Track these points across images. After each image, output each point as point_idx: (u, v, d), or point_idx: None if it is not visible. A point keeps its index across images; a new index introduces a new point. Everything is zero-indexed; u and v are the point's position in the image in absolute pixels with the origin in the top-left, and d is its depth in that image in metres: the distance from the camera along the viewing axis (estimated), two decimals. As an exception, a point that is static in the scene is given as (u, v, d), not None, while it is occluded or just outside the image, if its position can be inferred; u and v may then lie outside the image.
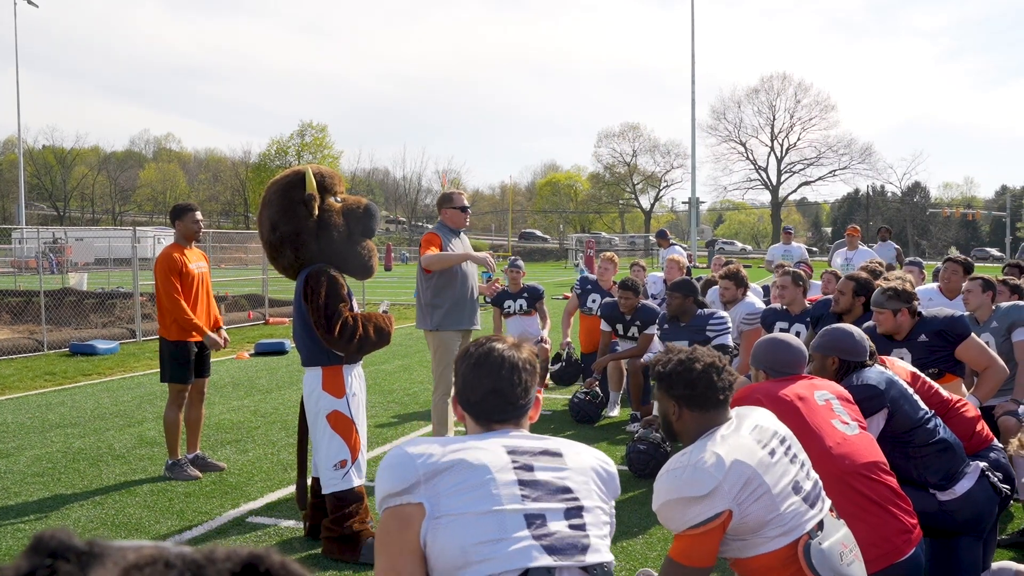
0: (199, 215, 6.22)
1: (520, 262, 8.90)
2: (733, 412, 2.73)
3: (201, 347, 6.17)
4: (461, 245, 6.04)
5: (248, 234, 30.40)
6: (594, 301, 8.41)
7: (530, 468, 1.94)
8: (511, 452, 1.95)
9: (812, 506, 2.59)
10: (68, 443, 6.90)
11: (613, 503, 2.12)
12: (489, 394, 2.05)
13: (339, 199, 4.56)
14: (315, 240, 4.38)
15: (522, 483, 1.90)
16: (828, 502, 2.70)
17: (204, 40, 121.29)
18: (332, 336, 4.28)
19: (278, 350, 12.45)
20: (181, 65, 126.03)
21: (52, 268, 29.92)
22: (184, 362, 6.00)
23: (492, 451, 1.93)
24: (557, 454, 2.01)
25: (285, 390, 9.32)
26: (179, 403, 6.06)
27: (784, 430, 2.73)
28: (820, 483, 2.71)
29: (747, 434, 2.60)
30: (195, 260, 6.17)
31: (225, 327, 6.57)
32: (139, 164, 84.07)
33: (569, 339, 9.28)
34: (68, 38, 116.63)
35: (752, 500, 2.47)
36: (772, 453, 2.57)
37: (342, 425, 4.37)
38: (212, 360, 6.39)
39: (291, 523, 4.99)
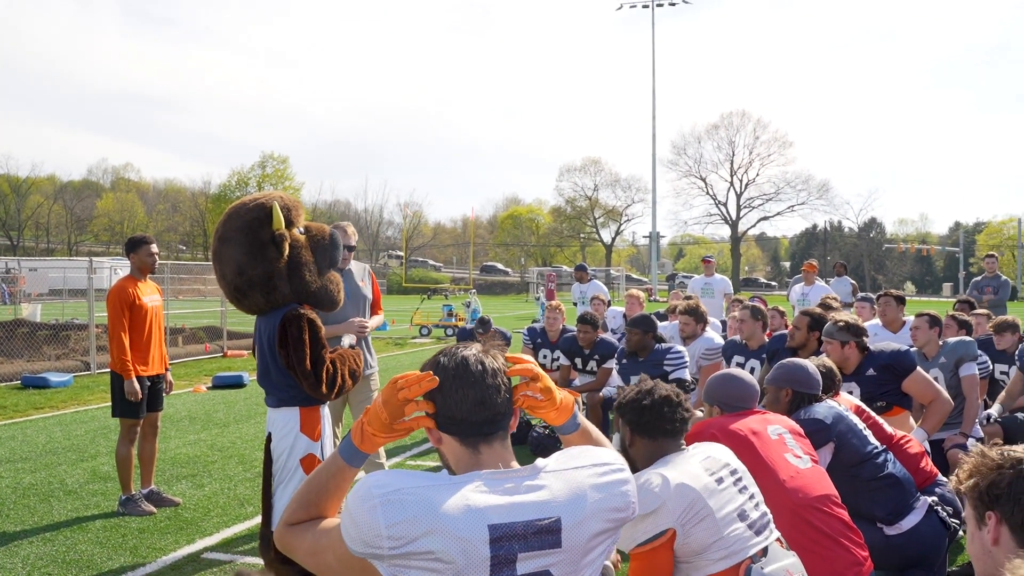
0: (154, 248, 6.16)
1: (490, 324, 8.86)
2: (690, 446, 2.85)
3: (154, 381, 6.10)
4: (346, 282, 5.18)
5: (207, 266, 30.13)
6: (545, 357, 8.29)
7: (512, 562, 1.70)
8: (495, 540, 1.68)
9: (758, 534, 2.69)
10: (18, 478, 6.76)
11: (629, 511, 1.87)
12: (477, 406, 1.80)
13: (302, 230, 4.33)
14: (286, 282, 4.07)
15: None
16: (776, 533, 2.77)
17: (164, 69, 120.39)
18: (319, 388, 4.04)
19: (236, 383, 12.32)
20: (141, 94, 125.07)
21: (4, 299, 29.40)
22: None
23: (469, 542, 1.66)
24: (554, 531, 1.74)
25: (243, 424, 9.22)
26: (131, 438, 5.97)
27: (738, 464, 2.83)
28: (770, 515, 2.79)
29: (696, 462, 2.73)
30: (148, 293, 6.12)
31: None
32: (96, 194, 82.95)
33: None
34: (24, 64, 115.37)
35: (695, 522, 2.57)
36: (720, 481, 2.69)
37: (312, 469, 4.24)
38: (172, 393, 6.31)
39: (249, 558, 4.93)
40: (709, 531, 2.58)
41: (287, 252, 4.04)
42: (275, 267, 4.02)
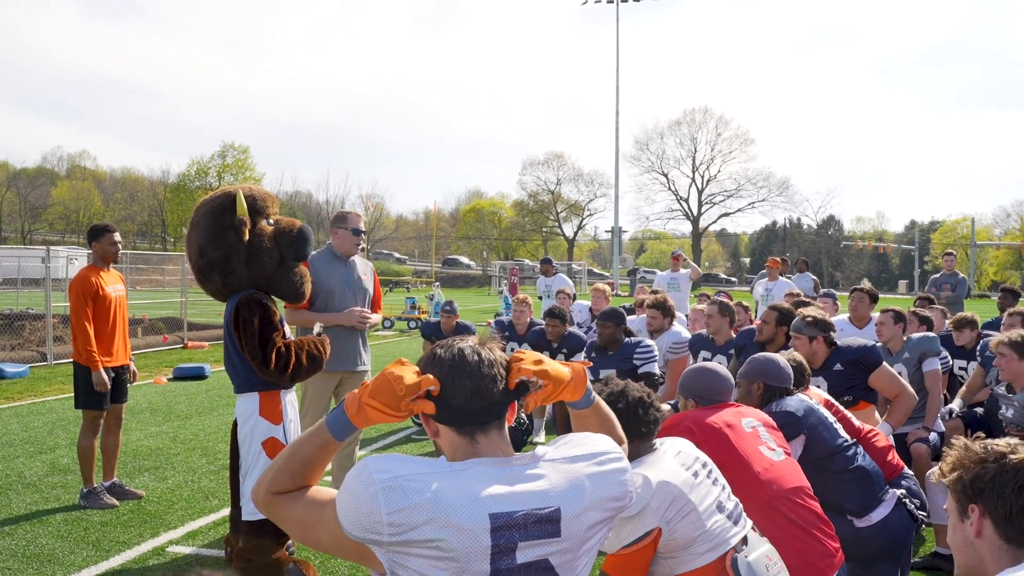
0: (117, 236, 6.07)
1: (455, 306, 8.86)
2: (656, 442, 2.85)
3: (118, 372, 6.01)
4: (344, 275, 5.29)
5: (165, 255, 29.69)
6: (512, 350, 8.28)
7: (512, 551, 1.70)
8: (496, 529, 1.68)
9: (736, 523, 2.73)
10: (-25, 471, 6.62)
11: (627, 499, 1.87)
12: (473, 396, 1.80)
13: (271, 221, 4.43)
14: (244, 266, 4.26)
15: (496, 573, 1.69)
16: (750, 521, 2.81)
17: (122, 54, 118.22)
18: (267, 367, 4.19)
19: (197, 375, 12.17)
20: (98, 79, 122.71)
21: (-44, 288, 28.72)
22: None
23: (471, 532, 1.66)
24: (554, 520, 1.74)
25: (205, 416, 9.10)
26: (94, 429, 5.87)
27: (704, 456, 2.84)
28: (740, 504, 2.82)
29: (671, 458, 2.74)
30: (112, 283, 6.02)
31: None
32: (51, 181, 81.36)
33: None
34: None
35: (680, 517, 2.59)
36: (695, 475, 2.72)
37: (276, 452, 4.26)
38: (129, 385, 6.22)
39: (213, 552, 4.88)
40: (693, 525, 2.60)
41: (247, 237, 4.25)
42: (233, 249, 4.24)
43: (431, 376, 1.79)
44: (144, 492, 6.05)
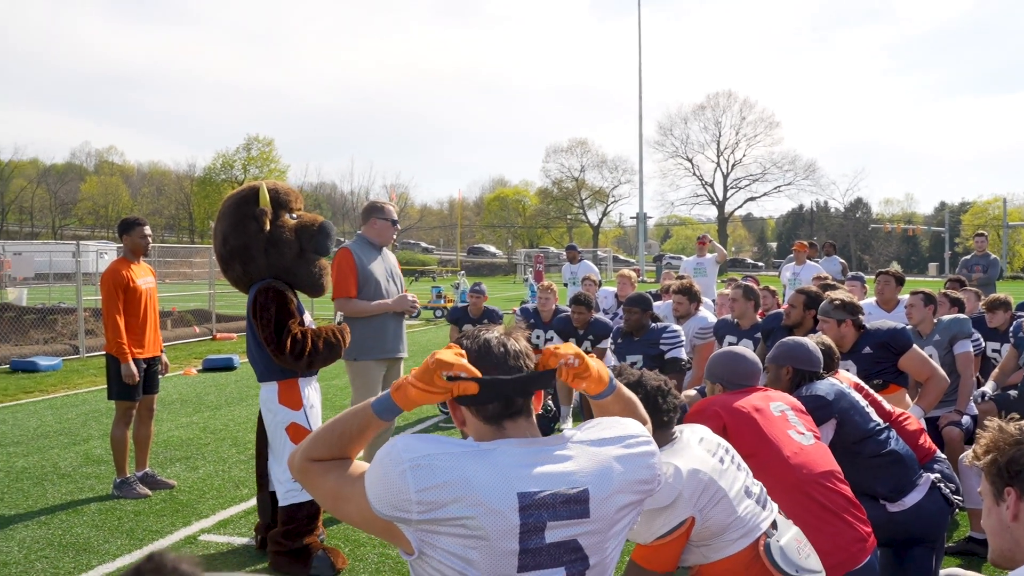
0: (147, 230, 6.14)
1: (483, 287, 8.85)
2: (676, 430, 2.82)
3: (149, 363, 6.08)
4: (383, 264, 5.37)
5: (193, 248, 29.98)
6: (538, 338, 8.26)
7: (540, 530, 1.69)
8: (524, 508, 1.68)
9: (763, 507, 2.71)
10: (10, 462, 6.72)
11: (655, 483, 1.87)
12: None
13: (295, 216, 4.57)
14: (264, 255, 4.39)
15: (524, 552, 1.69)
16: (776, 505, 2.78)
17: (147, 51, 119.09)
18: (282, 353, 4.28)
19: (227, 366, 12.28)
20: (123, 76, 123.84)
21: (-10, 283, 29.14)
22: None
23: (499, 510, 1.66)
24: (582, 501, 1.73)
25: (234, 406, 9.19)
26: (126, 420, 5.95)
27: (725, 442, 2.83)
28: (764, 488, 2.80)
29: (696, 445, 2.71)
30: (142, 275, 6.09)
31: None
32: (80, 177, 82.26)
33: None
34: (5, 47, 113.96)
35: (712, 505, 2.57)
36: (721, 461, 2.70)
37: (301, 437, 4.34)
38: (161, 376, 6.29)
39: (244, 540, 4.92)
40: (726, 512, 2.58)
41: (267, 227, 4.39)
42: (254, 238, 4.39)
43: (466, 363, 1.78)
44: (176, 482, 6.12)
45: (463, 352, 1.83)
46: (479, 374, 1.77)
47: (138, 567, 0.94)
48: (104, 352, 6.05)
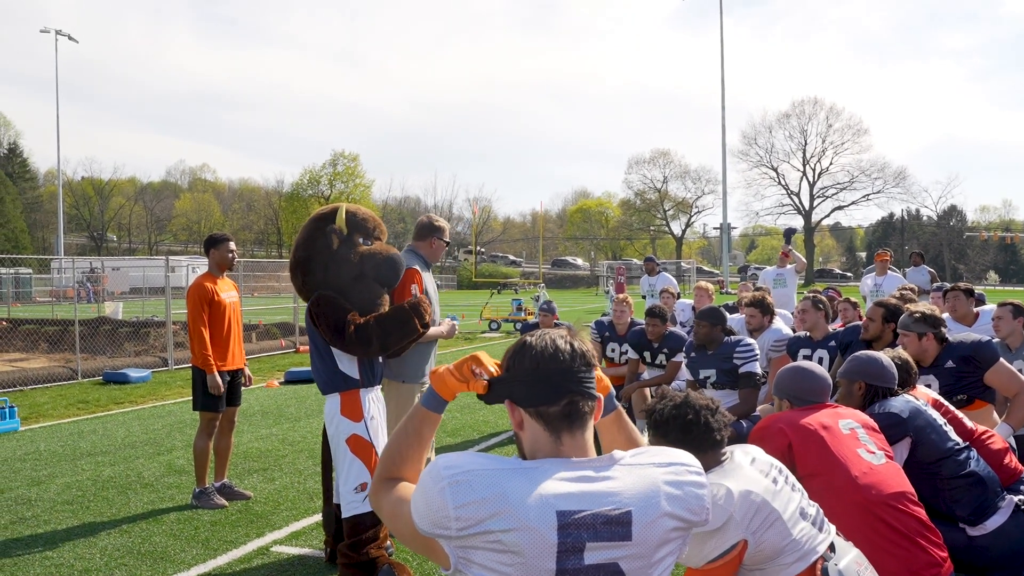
0: (233, 245, 6.31)
1: (553, 305, 8.80)
2: (726, 450, 2.73)
3: (233, 376, 6.24)
4: (433, 284, 5.25)
5: (281, 263, 30.70)
6: (613, 351, 8.14)
7: (579, 551, 1.66)
8: (563, 527, 1.64)
9: (820, 530, 2.60)
10: (98, 471, 6.96)
11: (703, 515, 1.81)
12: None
13: (369, 242, 4.56)
14: (323, 270, 4.44)
15: (561, 572, 1.65)
16: (833, 527, 2.67)
17: (237, 70, 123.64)
18: (347, 343, 4.29)
19: (308, 378, 12.49)
20: (215, 95, 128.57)
21: (89, 297, 30.40)
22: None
23: (536, 528, 1.63)
24: (624, 523, 1.69)
25: (314, 418, 9.34)
26: (209, 431, 6.11)
27: (778, 462, 2.73)
28: (821, 509, 2.70)
29: (747, 466, 2.63)
30: (226, 290, 6.26)
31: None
32: (175, 194, 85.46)
33: None
34: (106, 71, 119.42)
35: (765, 527, 2.48)
36: (775, 481, 2.61)
37: (362, 448, 4.38)
38: (243, 388, 6.44)
39: (315, 552, 4.98)
40: (780, 534, 2.49)
41: (335, 245, 4.45)
42: (318, 254, 4.46)
43: (494, 369, 1.87)
44: (252, 493, 6.24)
45: (501, 367, 1.88)
46: (495, 375, 1.86)
47: None
48: (190, 364, 6.24)
